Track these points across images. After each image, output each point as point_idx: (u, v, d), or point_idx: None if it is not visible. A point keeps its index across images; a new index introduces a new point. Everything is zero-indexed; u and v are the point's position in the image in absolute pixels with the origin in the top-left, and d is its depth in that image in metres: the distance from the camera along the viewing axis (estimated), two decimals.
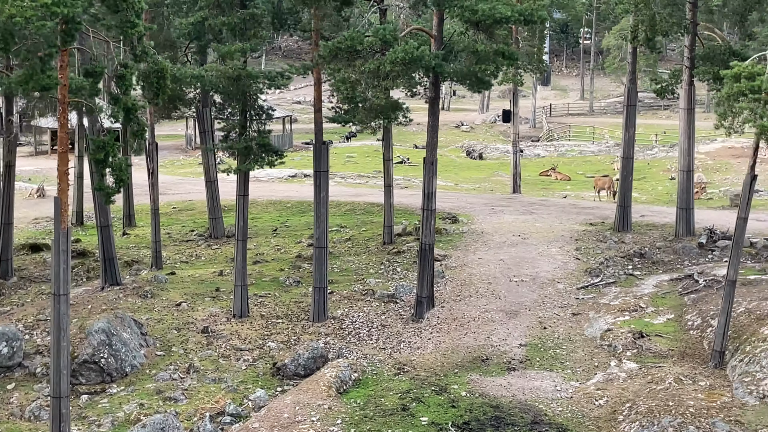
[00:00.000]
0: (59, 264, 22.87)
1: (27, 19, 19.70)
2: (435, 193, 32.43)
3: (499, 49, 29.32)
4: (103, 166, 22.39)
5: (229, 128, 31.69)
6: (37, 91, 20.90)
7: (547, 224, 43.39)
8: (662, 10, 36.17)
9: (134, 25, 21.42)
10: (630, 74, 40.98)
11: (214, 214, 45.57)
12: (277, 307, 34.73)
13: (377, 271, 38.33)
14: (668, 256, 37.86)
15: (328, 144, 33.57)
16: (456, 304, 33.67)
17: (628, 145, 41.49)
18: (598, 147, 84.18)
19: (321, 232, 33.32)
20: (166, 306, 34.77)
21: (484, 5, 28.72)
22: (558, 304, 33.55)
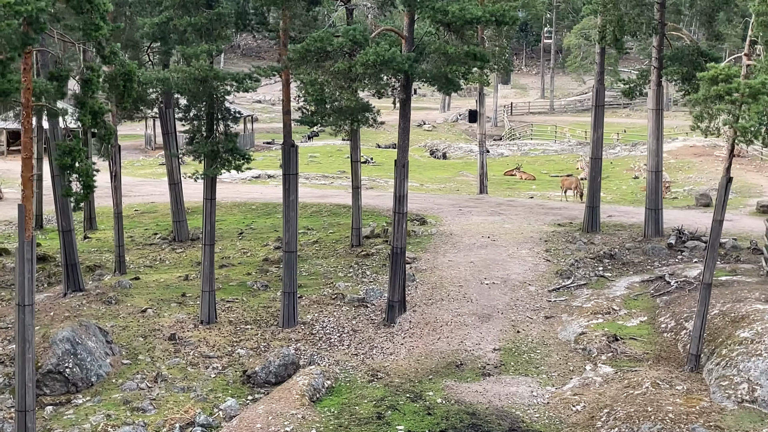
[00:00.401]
0: (23, 273, 22.13)
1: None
2: (406, 196, 32.00)
3: (470, 50, 28.94)
4: (69, 171, 21.67)
5: (194, 131, 30.99)
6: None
7: (516, 225, 43.11)
8: (631, 11, 35.97)
9: (98, 27, 20.72)
10: (598, 74, 40.82)
11: (178, 217, 44.80)
12: (246, 313, 34.10)
13: (346, 275, 37.82)
14: (638, 257, 37.71)
15: (297, 146, 32.94)
16: (428, 308, 33.26)
17: (596, 146, 41.34)
18: (561, 146, 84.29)
19: (290, 235, 32.74)
20: (131, 312, 34.00)
21: (454, 6, 28.33)
22: (530, 307, 33.25)
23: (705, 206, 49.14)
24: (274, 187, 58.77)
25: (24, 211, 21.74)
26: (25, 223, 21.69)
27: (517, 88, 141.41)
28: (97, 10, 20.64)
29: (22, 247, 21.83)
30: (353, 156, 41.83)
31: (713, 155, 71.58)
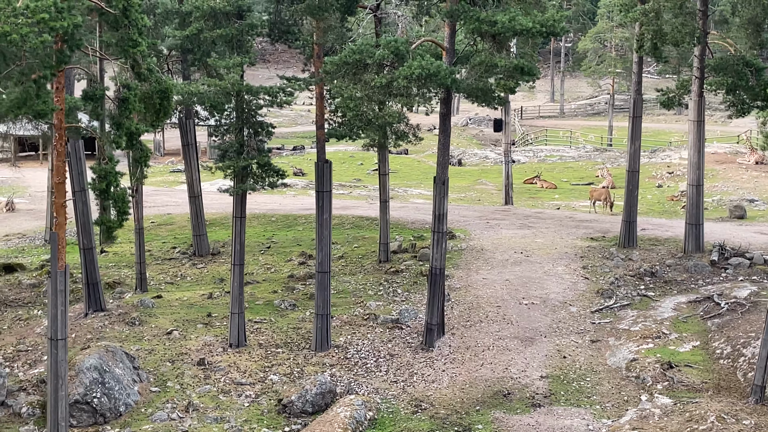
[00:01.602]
0: (56, 305, 20.73)
1: (23, 36, 17.52)
2: (446, 215, 30.57)
3: (518, 63, 27.51)
4: (105, 197, 20.27)
5: (226, 147, 29.57)
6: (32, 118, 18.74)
7: (549, 239, 41.69)
8: (674, 20, 34.54)
9: (136, 43, 19.32)
10: (635, 84, 39.41)
11: (198, 231, 43.38)
12: (275, 335, 32.68)
13: (377, 293, 36.41)
14: (680, 274, 36.29)
15: (331, 163, 31.53)
16: (467, 331, 31.84)
17: (633, 158, 39.90)
18: (578, 152, 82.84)
19: (324, 255, 31.32)
20: (156, 334, 32.59)
21: (503, 17, 26.91)
22: (574, 329, 31.83)
23: (739, 218, 47.76)
24: (292, 197, 57.37)
25: (57, 239, 20.30)
26: (58, 252, 20.23)
27: (524, 91, 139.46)
28: (135, 25, 19.25)
29: (55, 277, 20.42)
30: (381, 168, 40.38)
31: (736, 162, 70.15)
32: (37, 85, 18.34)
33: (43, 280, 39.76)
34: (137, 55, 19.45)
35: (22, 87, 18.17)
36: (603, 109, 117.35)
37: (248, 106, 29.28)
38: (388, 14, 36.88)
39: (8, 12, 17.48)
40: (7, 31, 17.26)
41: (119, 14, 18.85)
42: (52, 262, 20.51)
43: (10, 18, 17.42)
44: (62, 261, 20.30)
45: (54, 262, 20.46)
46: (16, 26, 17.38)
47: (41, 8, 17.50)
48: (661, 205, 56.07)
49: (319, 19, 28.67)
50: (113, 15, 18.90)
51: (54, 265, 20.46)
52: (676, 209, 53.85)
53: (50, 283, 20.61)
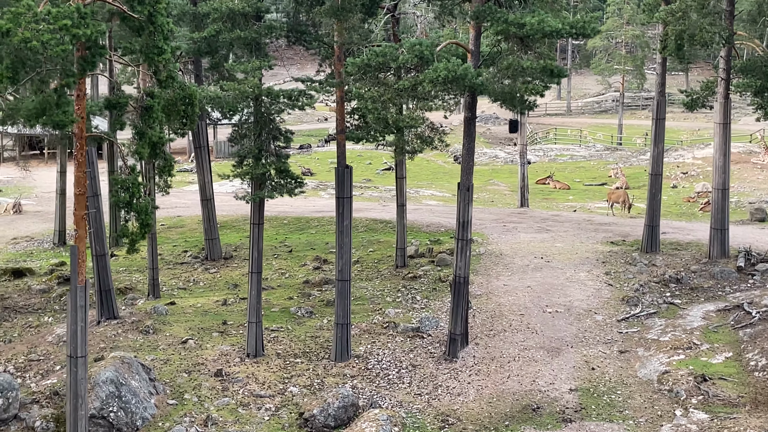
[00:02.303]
0: (76, 322, 19.90)
1: (44, 43, 16.66)
2: (471, 222, 29.68)
3: (546, 65, 26.64)
4: (127, 209, 19.41)
5: (244, 153, 28.70)
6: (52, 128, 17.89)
7: (568, 244, 40.84)
8: (702, 20, 33.66)
9: (161, 50, 18.45)
10: (659, 86, 38.51)
11: (210, 234, 42.53)
12: (293, 344, 31.86)
13: (395, 300, 35.57)
14: (706, 281, 35.42)
15: (351, 168, 30.68)
16: (491, 341, 31.00)
17: (656, 161, 39.02)
18: (588, 151, 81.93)
19: (344, 263, 30.48)
20: (171, 343, 31.76)
21: (532, 18, 26.04)
22: (601, 339, 30.99)
23: (760, 221, 46.89)
24: (303, 199, 56.41)
25: (77, 253, 19.47)
26: (78, 266, 19.39)
27: None
28: (160, 31, 18.37)
29: (74, 293, 19.58)
30: (398, 172, 39.57)
31: (750, 162, 69.27)
32: (58, 94, 17.50)
33: (53, 286, 38.96)
34: (162, 63, 18.58)
35: (42, 95, 17.31)
36: (610, 106, 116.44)
37: (267, 111, 28.41)
38: (406, 14, 35.95)
39: (29, 18, 16.63)
40: (28, 38, 16.41)
41: (144, 19, 17.98)
42: (72, 277, 19.67)
43: (31, 24, 16.58)
44: (82, 275, 19.47)
45: (74, 276, 19.61)
46: (37, 33, 16.53)
47: (63, 14, 16.66)
48: (678, 206, 55.21)
49: (342, 20, 27.80)
50: (137, 20, 18.02)
51: (74, 279, 19.62)
52: (693, 211, 53.02)
53: (70, 298, 19.78)
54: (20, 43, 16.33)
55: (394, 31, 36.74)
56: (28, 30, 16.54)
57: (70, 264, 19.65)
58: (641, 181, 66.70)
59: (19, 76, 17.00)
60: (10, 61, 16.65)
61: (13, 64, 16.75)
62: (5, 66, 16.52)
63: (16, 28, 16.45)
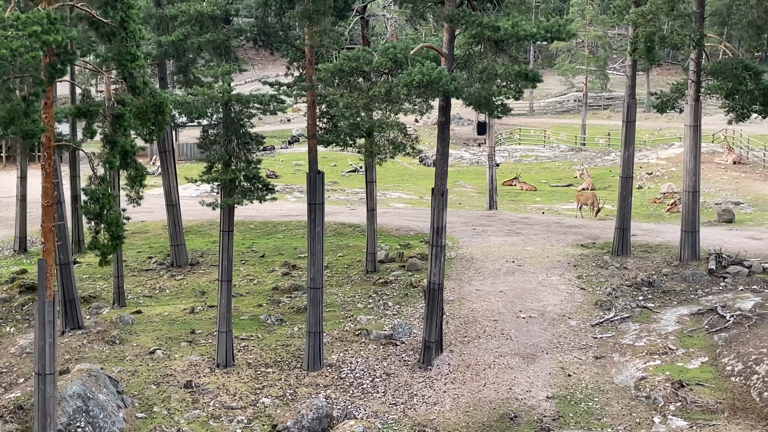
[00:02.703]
0: (44, 338, 19.22)
1: (13, 51, 15.98)
2: (445, 228, 29.28)
3: (522, 69, 26.30)
4: (98, 221, 18.74)
5: (213, 159, 28.07)
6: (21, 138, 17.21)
7: (539, 247, 40.59)
8: (673, 22, 33.53)
9: (134, 57, 17.82)
10: (629, 88, 38.35)
11: (176, 240, 41.77)
12: (264, 353, 31.27)
13: (366, 306, 35.09)
14: (678, 284, 35.27)
15: (323, 174, 30.15)
16: (465, 348, 30.63)
17: (627, 164, 38.87)
18: (553, 152, 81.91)
19: (316, 271, 29.96)
20: (138, 354, 31.05)
21: (506, 22, 25.67)
22: (576, 345, 30.72)
23: (728, 222, 46.95)
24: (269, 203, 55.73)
25: (45, 266, 18.78)
26: (46, 280, 18.70)
27: None
28: (133, 37, 17.73)
29: (42, 308, 18.90)
30: (368, 176, 39.03)
31: (714, 162, 69.47)
32: (26, 103, 16.80)
33: (14, 295, 38.00)
34: (135, 69, 17.96)
35: (10, 104, 16.61)
36: (572, 106, 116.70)
37: (237, 116, 27.81)
38: (376, 16, 35.49)
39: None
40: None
41: (116, 25, 17.35)
42: (40, 291, 18.99)
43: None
44: (50, 290, 18.78)
45: (41, 290, 18.93)
46: (6, 40, 15.83)
47: (33, 20, 15.98)
48: (645, 207, 55.19)
49: (313, 23, 27.27)
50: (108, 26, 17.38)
51: (41, 293, 18.93)
52: (660, 212, 53.04)
53: (37, 312, 19.09)
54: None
55: (363, 34, 36.26)
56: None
57: (37, 277, 18.96)
58: (607, 181, 66.75)
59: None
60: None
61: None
62: None
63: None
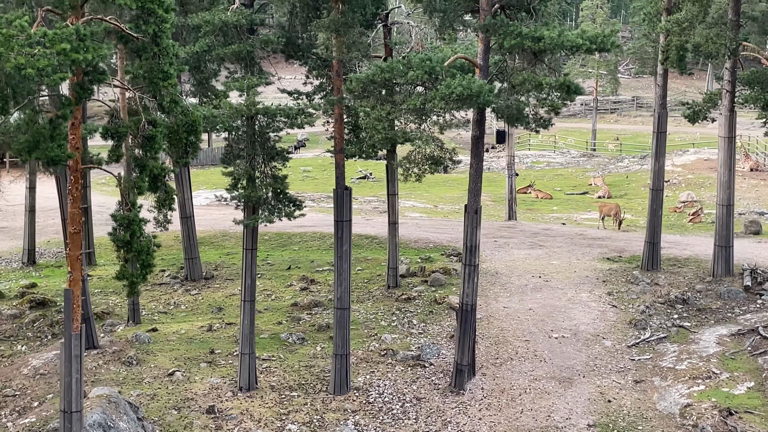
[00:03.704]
0: (71, 373, 17.98)
1: (40, 70, 14.74)
2: (479, 247, 28.05)
3: (565, 81, 25.08)
4: (127, 249, 17.51)
5: (238, 175, 26.83)
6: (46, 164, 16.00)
7: (565, 261, 39.38)
8: (709, 30, 32.34)
9: (167, 75, 16.59)
10: (660, 98, 37.15)
11: (190, 253, 40.54)
12: (287, 375, 30.04)
13: (390, 324, 33.86)
14: (713, 301, 34.08)
15: (351, 190, 28.93)
16: (498, 371, 29.39)
17: (657, 176, 37.66)
18: (564, 158, 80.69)
19: (343, 290, 28.72)
20: (156, 376, 29.81)
21: (549, 32, 24.45)
22: (613, 368, 29.49)
23: (755, 234, 45.78)
24: None
25: (71, 297, 17.53)
26: (72, 312, 17.46)
27: None
28: (165, 53, 16.49)
29: (69, 342, 17.66)
30: (389, 189, 37.78)
31: None
32: (52, 126, 15.56)
33: (25, 310, 36.80)
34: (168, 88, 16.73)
35: (35, 127, 15.36)
36: (579, 110, 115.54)
37: (262, 130, 26.59)
38: (400, 24, 34.26)
39: (22, 41, 14.69)
40: (22, 64, 14.45)
41: (148, 40, 16.11)
42: (66, 323, 17.74)
43: (25, 48, 14.61)
44: (77, 322, 17.54)
45: (68, 323, 17.69)
46: (32, 58, 14.58)
47: (61, 36, 14.73)
48: (666, 217, 53.79)
49: (341, 34, 26.04)
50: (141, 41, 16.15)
51: (68, 326, 17.69)
52: (682, 222, 51.82)
53: (63, 348, 17.84)
54: (13, 70, 14.41)
55: (385, 42, 35.02)
56: (22, 55, 14.62)
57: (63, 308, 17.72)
58: (622, 189, 65.59)
59: (8, 106, 15.08)
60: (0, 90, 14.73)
61: (2, 93, 14.83)
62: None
63: (8, 52, 14.53)
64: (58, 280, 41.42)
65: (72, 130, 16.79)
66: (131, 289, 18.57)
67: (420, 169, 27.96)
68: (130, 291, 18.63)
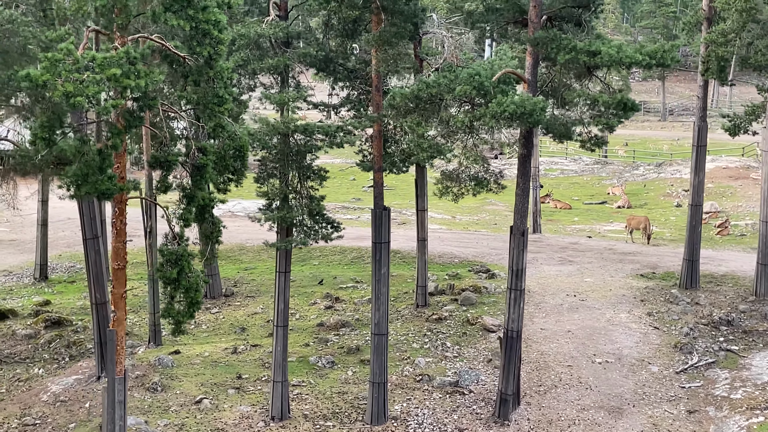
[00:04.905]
0: (114, 421, 16.59)
1: (90, 97, 13.36)
2: (525, 270, 26.72)
3: (622, 98, 23.73)
4: (175, 287, 16.14)
5: (272, 195, 25.47)
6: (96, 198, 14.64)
7: (598, 278, 38.03)
8: (758, 41, 31.05)
9: (222, 100, 15.22)
10: (700, 110, 35.79)
11: (209, 270, 39.08)
12: (320, 402, 28.70)
13: (423, 346, 32.50)
14: (760, 323, 32.74)
15: (389, 210, 27.58)
16: (543, 399, 28.05)
17: (697, 191, 36.31)
18: (578, 165, 79.26)
19: (381, 315, 27.38)
20: (183, 404, 28.47)
21: (606, 48, 23.11)
22: (664, 396, 28.16)
23: None
24: None
25: (115, 338, 16.16)
26: (116, 354, 16.09)
27: None
28: (220, 77, 15.12)
29: (112, 386, 16.27)
30: (419, 204, 36.43)
31: (750, 178, 67.00)
32: (102, 157, 14.18)
33: (40, 330, 35.40)
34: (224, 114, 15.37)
35: (84, 159, 13.98)
36: None
37: (299, 149, 25.24)
38: (434, 34, 32.92)
39: (69, 65, 13.31)
40: (71, 92, 13.07)
41: (202, 64, 14.74)
42: (109, 366, 16.38)
43: (73, 74, 13.23)
44: (121, 365, 16.17)
45: (111, 366, 16.32)
46: (81, 85, 13.21)
47: (112, 61, 13.34)
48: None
49: (388, 48, 24.71)
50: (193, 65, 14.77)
51: (111, 369, 16.32)
52: (710, 235, 50.41)
53: (107, 393, 16.47)
54: (62, 98, 13.06)
55: (416, 53, 33.65)
56: (70, 81, 13.25)
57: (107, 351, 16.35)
58: (642, 198, 64.25)
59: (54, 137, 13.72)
60: (46, 118, 13.38)
61: (50, 121, 13.47)
62: (40, 124, 13.28)
63: (55, 79, 13.17)
64: (71, 297, 40.03)
65: (117, 158, 15.43)
66: (176, 328, 17.20)
67: (460, 189, 26.62)
68: (176, 330, 17.26)
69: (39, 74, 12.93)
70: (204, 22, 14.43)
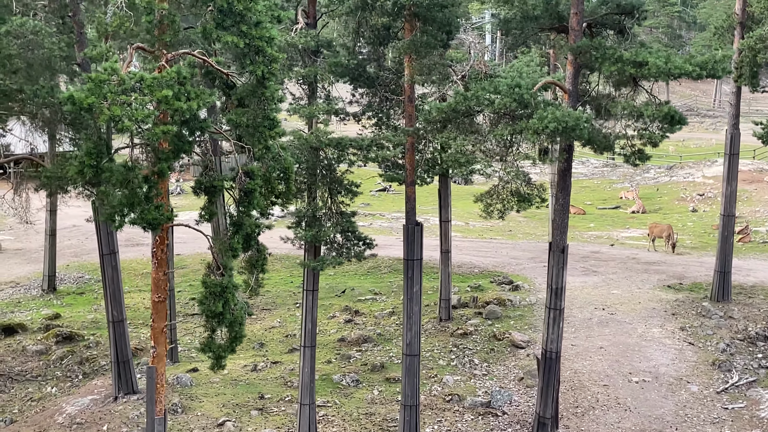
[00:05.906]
0: None
1: (139, 121, 12.23)
2: (564, 288, 25.61)
3: (669, 111, 22.63)
4: (219, 321, 15.02)
5: (302, 213, 24.32)
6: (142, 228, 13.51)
7: (625, 290, 36.96)
8: None
9: (274, 123, 14.10)
10: (733, 117, 34.70)
11: None
12: (348, 425, 27.61)
13: (450, 363, 31.42)
14: None
15: (422, 225, 26.47)
16: (581, 422, 26.97)
17: (729, 201, 35.24)
18: (587, 168, 78.13)
19: (413, 335, 26.25)
20: (205, 427, 27.34)
21: (654, 58, 22.00)
22: (706, 418, 27.10)
23: None
24: None
25: (154, 375, 15.03)
26: (155, 392, 14.96)
27: None
28: (271, 98, 13.99)
29: (151, 426, 15.13)
30: (442, 215, 35.35)
31: (764, 181, 65.97)
32: (148, 185, 13.05)
33: (50, 345, 34.25)
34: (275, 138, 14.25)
35: (129, 187, 12.84)
36: None
37: (329, 163, 24.11)
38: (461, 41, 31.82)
39: (114, 86, 12.17)
40: (118, 116, 11.92)
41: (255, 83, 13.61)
42: (149, 406, 15.26)
43: (119, 96, 12.08)
44: (161, 404, 15.04)
45: (150, 405, 15.20)
46: (129, 108, 12.06)
47: (161, 82, 12.19)
48: (710, 235, 51.56)
49: (422, 56, 23.59)
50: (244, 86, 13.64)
51: (150, 409, 15.20)
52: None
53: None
54: (109, 122, 11.93)
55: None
56: (116, 104, 12.11)
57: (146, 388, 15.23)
58: (655, 203, 63.18)
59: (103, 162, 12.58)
60: (92, 145, 12.24)
61: (96, 148, 12.33)
62: (86, 152, 12.14)
63: (101, 102, 12.03)
64: (82, 310, 38.87)
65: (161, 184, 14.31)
66: (217, 362, 16.08)
67: (504, 206, 25.54)
68: (215, 365, 16.14)
69: (83, 96, 11.79)
70: (257, 38, 13.31)
